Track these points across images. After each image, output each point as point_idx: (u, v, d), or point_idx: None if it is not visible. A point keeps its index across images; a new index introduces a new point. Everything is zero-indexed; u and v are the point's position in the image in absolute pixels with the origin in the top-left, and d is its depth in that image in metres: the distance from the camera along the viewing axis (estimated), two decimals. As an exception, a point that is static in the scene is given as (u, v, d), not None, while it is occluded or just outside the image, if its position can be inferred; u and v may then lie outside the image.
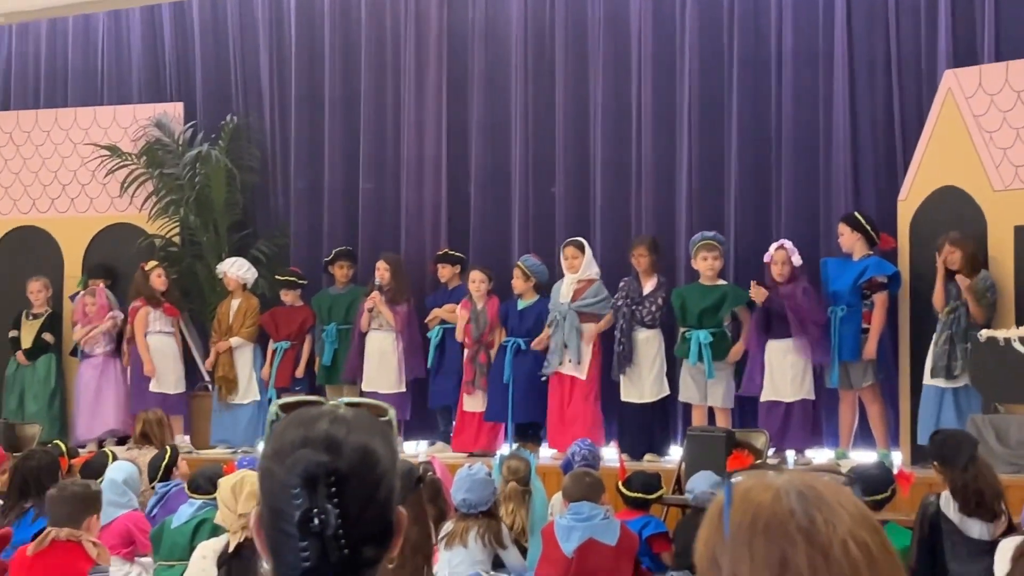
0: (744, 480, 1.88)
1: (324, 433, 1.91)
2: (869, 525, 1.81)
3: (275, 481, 1.91)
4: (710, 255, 10.61)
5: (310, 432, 1.92)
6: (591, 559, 7.66)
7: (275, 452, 1.93)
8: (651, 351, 10.85)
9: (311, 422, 1.94)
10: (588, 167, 12.08)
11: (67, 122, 13.52)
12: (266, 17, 13.44)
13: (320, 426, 1.93)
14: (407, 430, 12.30)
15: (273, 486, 1.91)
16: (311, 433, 1.92)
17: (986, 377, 9.31)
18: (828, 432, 10.59)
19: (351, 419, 1.95)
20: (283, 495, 1.89)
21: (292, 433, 1.93)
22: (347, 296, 12.18)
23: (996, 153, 9.83)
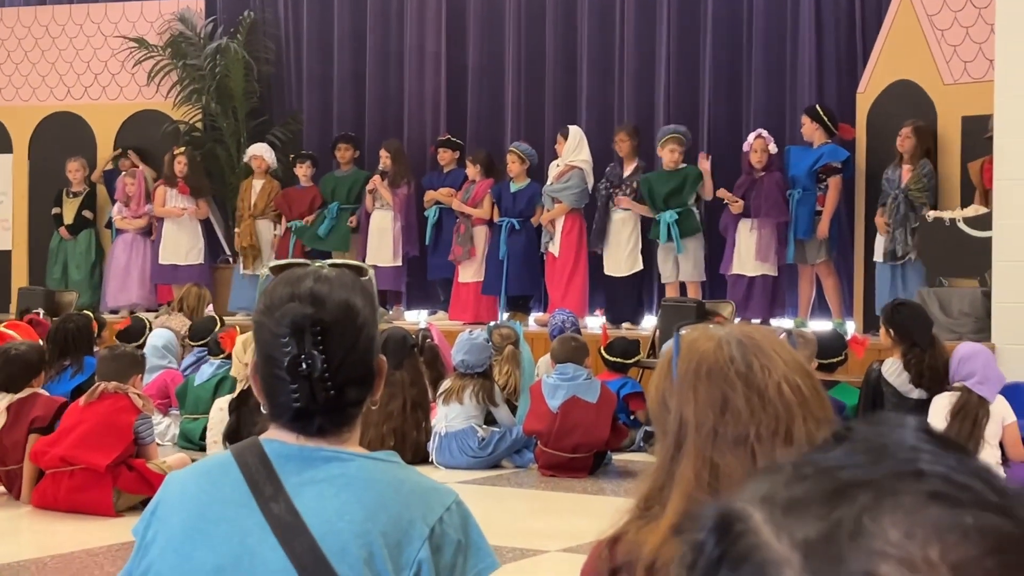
0: (690, 332, 1.93)
1: (309, 290, 1.97)
2: (801, 370, 1.86)
3: (267, 332, 1.97)
4: (678, 148, 10.59)
5: (297, 289, 1.97)
6: (574, 414, 7.77)
7: (267, 307, 1.99)
8: (627, 230, 10.88)
9: (298, 280, 1.99)
10: (575, 60, 12.04)
11: (98, 16, 13.44)
12: (280, -84, 13.26)
13: (306, 284, 1.98)
14: (409, 301, 12.40)
15: (265, 336, 1.97)
16: (298, 290, 1.97)
17: (932, 253, 9.36)
18: (789, 303, 10.66)
19: (333, 278, 2.01)
20: (274, 344, 1.95)
21: (281, 290, 1.99)
22: (350, 177, 12.24)
23: (947, 49, 9.78)
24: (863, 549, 0.63)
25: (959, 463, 0.66)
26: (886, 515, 0.64)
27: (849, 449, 0.68)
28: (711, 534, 0.67)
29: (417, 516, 1.94)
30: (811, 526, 0.64)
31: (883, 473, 0.66)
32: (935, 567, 0.62)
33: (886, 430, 0.68)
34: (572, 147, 11.11)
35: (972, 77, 9.63)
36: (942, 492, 0.64)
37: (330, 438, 1.99)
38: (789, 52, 11.12)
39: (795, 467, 0.68)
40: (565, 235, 11.06)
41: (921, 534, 0.63)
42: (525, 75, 12.27)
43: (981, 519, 0.63)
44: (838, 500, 0.65)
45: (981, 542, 0.63)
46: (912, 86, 9.95)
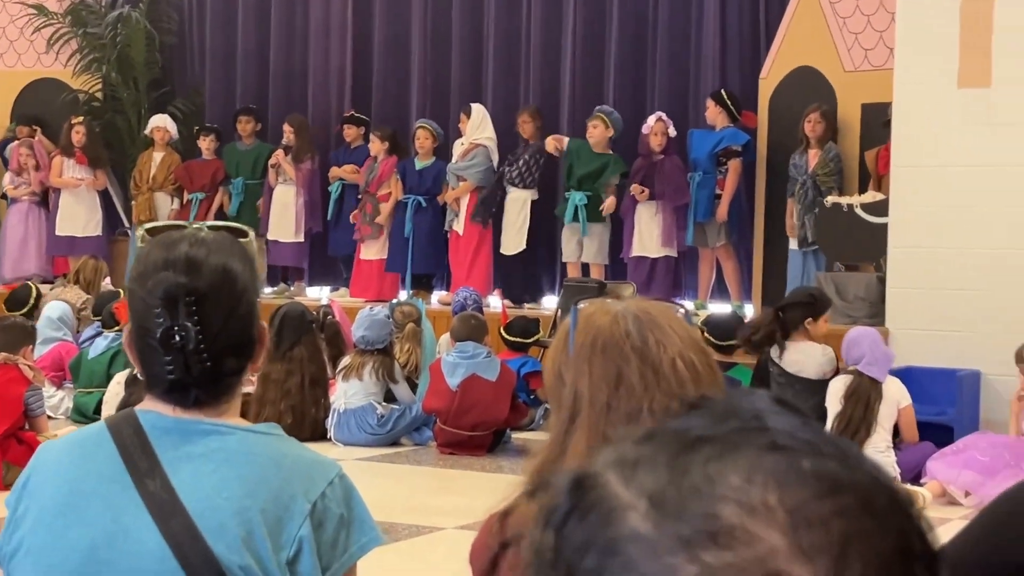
0: (588, 306, 1.89)
1: (184, 255, 1.87)
2: (696, 347, 1.83)
3: (139, 301, 1.88)
4: (591, 123, 10.57)
5: (171, 254, 1.87)
6: (473, 392, 7.74)
7: (139, 274, 1.89)
8: (516, 208, 10.83)
9: (172, 245, 1.89)
10: (482, 38, 11.95)
11: (-5, -19, 13.07)
12: None
13: (181, 248, 1.88)
14: (311, 277, 12.27)
15: (138, 305, 1.88)
16: (171, 255, 1.87)
17: (830, 239, 9.43)
18: (689, 285, 10.69)
19: (211, 241, 1.91)
20: (147, 314, 1.86)
21: (154, 255, 1.89)
22: (253, 152, 12.07)
23: (848, 37, 9.86)
24: (705, 494, 0.66)
25: (802, 423, 0.69)
26: (728, 464, 0.67)
27: (699, 414, 0.71)
28: (564, 493, 0.70)
29: (299, 491, 1.86)
30: (657, 476, 0.68)
31: (728, 430, 0.69)
32: (773, 509, 0.65)
33: (736, 398, 0.71)
34: (476, 125, 11.04)
35: (872, 65, 9.72)
36: (782, 444, 0.68)
37: (207, 410, 1.91)
38: (693, 37, 11.13)
39: (646, 431, 0.71)
40: (469, 214, 10.99)
41: (760, 480, 0.66)
42: (431, 52, 12.17)
43: (817, 465, 0.67)
44: (684, 453, 0.68)
45: (816, 485, 0.66)
46: (814, 72, 10.02)
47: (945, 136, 8.44)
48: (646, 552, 0.66)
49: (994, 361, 7.71)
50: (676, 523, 0.66)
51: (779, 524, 0.65)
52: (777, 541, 0.65)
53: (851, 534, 0.66)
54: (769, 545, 0.65)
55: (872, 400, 6.98)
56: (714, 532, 0.65)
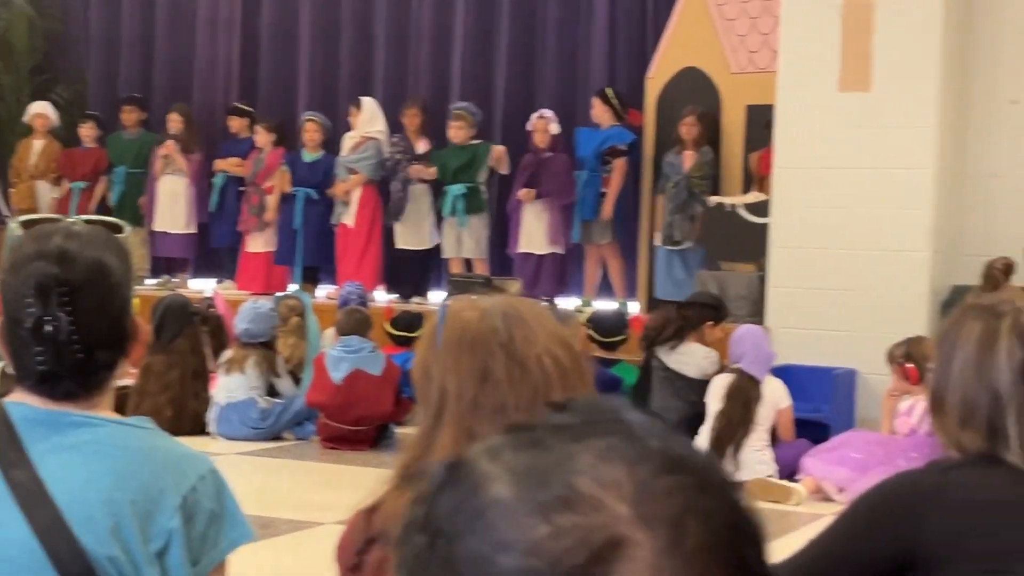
0: (456, 302, 1.91)
1: (57, 247, 1.88)
2: (563, 343, 1.87)
3: (11, 291, 1.88)
4: (455, 124, 10.63)
5: (44, 246, 1.88)
6: (357, 387, 7.73)
7: (12, 265, 1.90)
8: (425, 204, 10.86)
9: (46, 237, 1.90)
10: (371, 31, 11.92)
11: None
12: None
13: (54, 240, 1.89)
14: (196, 269, 12.15)
15: (9, 296, 1.88)
16: (45, 247, 1.88)
17: (713, 238, 9.57)
18: (575, 283, 10.78)
19: (85, 235, 1.92)
20: (18, 304, 1.86)
21: (28, 247, 1.90)
22: (137, 141, 11.90)
23: (734, 39, 10.01)
24: (564, 468, 0.75)
25: (654, 421, 0.78)
26: (586, 445, 0.76)
27: (565, 412, 0.80)
28: (439, 475, 0.78)
29: (169, 484, 1.87)
30: (520, 455, 0.76)
31: (589, 420, 0.78)
32: (621, 483, 0.74)
33: (600, 400, 0.80)
34: (367, 118, 11.01)
35: (757, 67, 9.88)
36: (636, 433, 0.77)
37: (78, 402, 1.91)
38: (582, 35, 11.23)
39: (517, 426, 0.80)
40: (361, 207, 10.96)
41: (613, 458, 0.75)
42: (320, 44, 12.12)
43: (663, 447, 0.76)
44: (547, 437, 0.77)
45: (660, 463, 0.75)
46: (699, 73, 10.15)
47: (826, 138, 8.62)
48: (506, 515, 0.74)
49: (870, 360, 7.89)
50: (535, 491, 0.74)
51: (626, 496, 0.74)
52: (623, 510, 0.73)
53: (689, 508, 0.74)
54: (615, 513, 0.73)
55: (751, 398, 7.11)
56: (568, 499, 0.73)
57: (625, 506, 0.73)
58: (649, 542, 0.72)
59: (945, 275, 8.49)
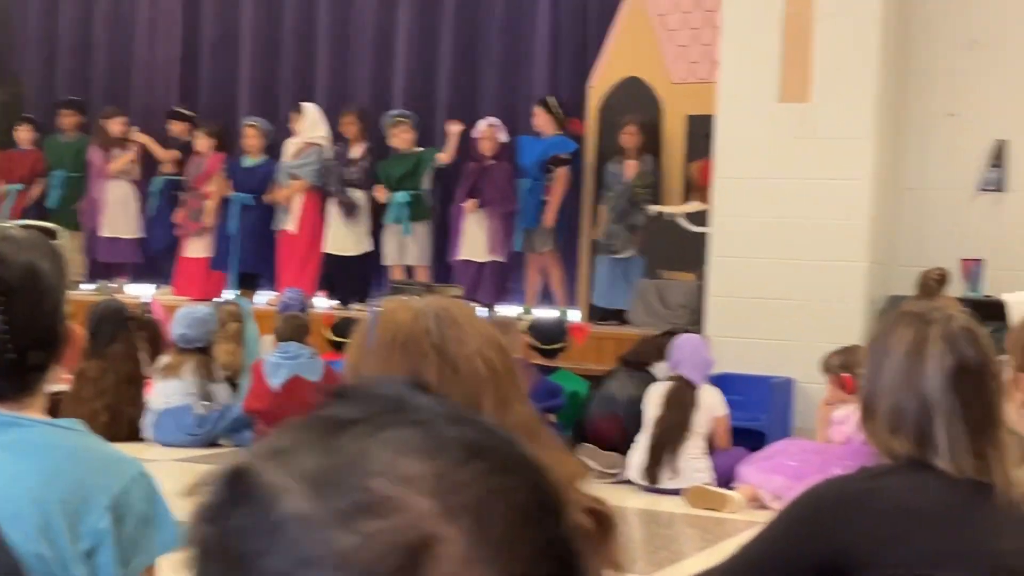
0: (389, 303, 1.91)
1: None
2: (496, 345, 1.87)
3: None
4: (397, 130, 10.64)
5: None
6: (295, 393, 7.70)
7: None
8: (361, 212, 10.86)
9: None
10: (312, 37, 11.90)
11: None
12: None
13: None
14: (135, 274, 12.08)
15: None
16: None
17: (653, 248, 9.62)
18: (516, 290, 10.79)
19: (21, 239, 1.94)
20: None
21: None
22: (75, 144, 11.81)
23: (675, 50, 10.07)
24: (358, 470, 0.71)
25: (439, 401, 0.76)
26: (377, 442, 0.73)
27: (344, 402, 0.76)
28: (220, 487, 0.73)
29: (99, 485, 1.88)
30: (310, 459, 0.72)
31: (373, 412, 0.74)
32: (421, 478, 0.71)
33: (379, 385, 0.77)
34: (309, 124, 11.00)
35: (698, 78, 9.94)
36: (424, 419, 0.74)
37: (9, 403, 1.92)
38: (524, 42, 11.26)
39: (295, 422, 0.76)
40: (303, 213, 10.93)
41: (407, 452, 0.72)
42: (261, 49, 12.07)
43: (456, 433, 0.74)
44: (334, 436, 0.73)
45: (458, 452, 0.73)
46: (640, 83, 10.21)
47: (765, 149, 8.70)
48: (307, 529, 0.70)
49: (807, 369, 7.96)
50: (332, 500, 0.70)
51: (427, 490, 0.71)
52: (426, 506, 0.71)
53: (492, 492, 0.72)
54: (419, 510, 0.70)
55: (688, 404, 7.16)
56: (368, 504, 0.70)
57: (428, 502, 0.71)
58: (457, 535, 0.70)
59: (881, 285, 8.59)
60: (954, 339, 2.21)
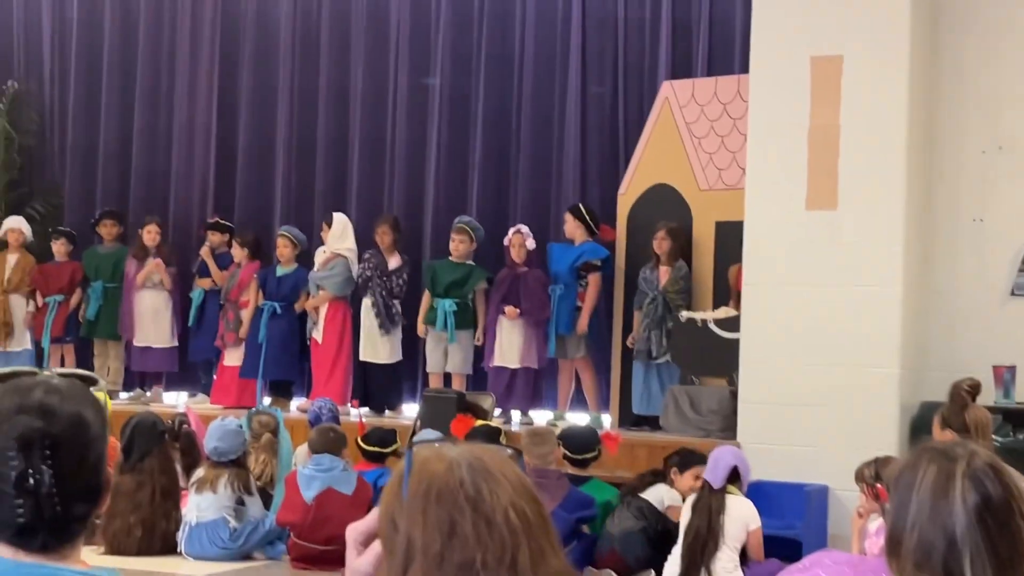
0: (422, 450, 1.93)
1: (39, 401, 1.92)
2: (528, 495, 1.88)
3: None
4: (457, 237, 10.72)
5: (25, 400, 1.92)
6: (329, 506, 7.70)
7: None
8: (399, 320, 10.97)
9: (27, 391, 1.94)
10: (346, 147, 12.08)
11: None
12: (49, -12, 13.02)
13: (35, 395, 1.93)
14: (168, 382, 12.16)
15: None
16: (26, 401, 1.92)
17: (684, 353, 9.64)
18: (549, 396, 10.80)
19: (64, 389, 1.96)
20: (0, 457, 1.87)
21: (8, 401, 1.93)
22: (113, 255, 11.97)
23: (703, 157, 10.17)
24: None
25: None
26: None
27: None
28: None
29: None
30: None
31: None
32: None
33: None
34: (337, 234, 11.12)
35: (726, 184, 10.02)
36: None
37: (52, 555, 1.94)
38: (555, 151, 11.39)
39: None
40: (328, 322, 11.03)
41: None
42: (296, 158, 12.25)
43: None
44: None
45: None
46: (670, 190, 10.29)
47: (794, 255, 8.73)
48: None
49: (841, 476, 7.91)
50: None
51: None
52: None
53: None
54: None
55: (713, 509, 7.12)
56: None
57: None
58: None
59: (913, 391, 8.56)
60: (978, 476, 2.24)
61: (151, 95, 12.69)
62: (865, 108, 8.57)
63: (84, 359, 11.95)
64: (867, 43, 8.57)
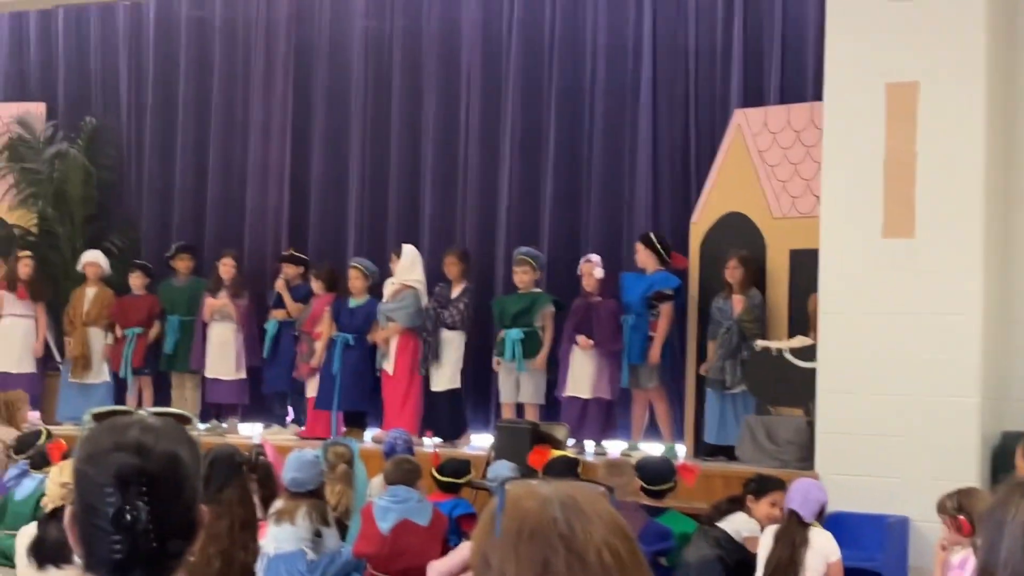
0: (515, 488, 1.93)
1: (135, 440, 1.95)
2: (621, 533, 1.88)
3: (90, 482, 1.93)
4: (520, 269, 10.73)
5: (122, 438, 1.95)
6: (405, 537, 7.70)
7: (89, 456, 1.95)
8: (451, 351, 10.92)
9: (123, 430, 1.97)
10: (418, 179, 12.14)
11: (-66, 116, 13.12)
12: (126, 26, 13.24)
13: (131, 433, 1.96)
14: (245, 413, 12.25)
15: (88, 486, 1.93)
16: (123, 439, 1.95)
17: (760, 383, 9.57)
18: (622, 426, 10.75)
19: (159, 428, 1.99)
20: (97, 494, 1.91)
21: (105, 439, 1.96)
22: (188, 288, 12.10)
23: (776, 185, 10.11)
24: None
25: None
26: None
27: None
28: None
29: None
30: None
31: None
32: None
33: None
34: (406, 266, 11.17)
35: (800, 212, 9.96)
36: None
37: (145, 592, 1.96)
38: (627, 180, 11.37)
39: None
40: (399, 354, 11.06)
41: None
42: (369, 190, 12.33)
43: None
44: None
45: None
46: (743, 218, 10.24)
47: (870, 283, 8.65)
48: None
49: (921, 507, 7.81)
50: None
51: None
52: None
53: None
54: None
55: (798, 543, 7.04)
56: None
57: None
58: None
59: (995, 421, 8.43)
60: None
61: (226, 130, 12.84)
62: (942, 134, 8.48)
63: (161, 391, 12.08)
64: (943, 68, 8.49)
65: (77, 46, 13.39)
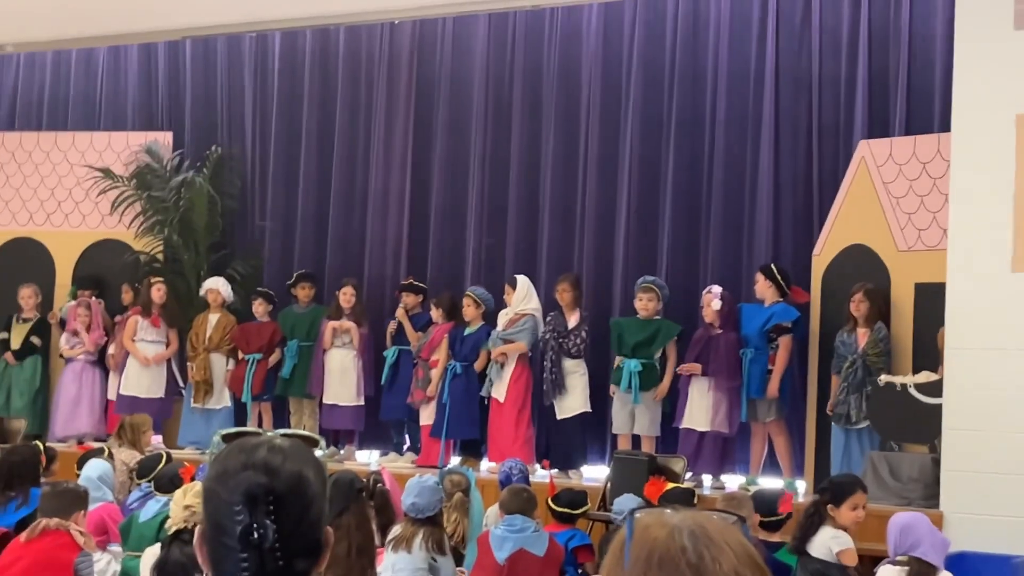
0: (644, 516, 1.91)
1: (263, 459, 1.97)
2: (752, 563, 1.84)
3: (219, 500, 1.95)
4: (645, 296, 10.66)
5: (251, 458, 1.97)
6: (520, 567, 7.67)
7: (218, 475, 1.97)
8: (576, 377, 10.89)
9: (252, 449, 1.99)
10: (537, 209, 12.16)
11: (66, 144, 13.49)
12: (252, 56, 13.47)
13: (260, 453, 1.98)
14: (361, 440, 12.34)
15: (217, 504, 1.95)
16: (252, 459, 1.97)
17: (883, 418, 9.39)
18: (740, 460, 10.63)
19: (287, 448, 2.01)
20: (226, 512, 1.93)
21: (235, 459, 1.98)
22: (309, 315, 12.23)
23: (902, 217, 9.94)
24: None
25: None
26: None
27: None
28: None
29: None
30: None
31: None
32: None
33: None
34: (521, 297, 11.18)
35: (926, 245, 9.79)
36: None
37: (273, 610, 1.97)
38: (747, 210, 11.27)
39: None
40: (513, 382, 11.04)
41: None
42: (487, 220, 12.38)
43: None
44: None
45: None
46: (867, 251, 10.09)
47: (999, 319, 8.46)
48: None
49: (1051, 549, 7.61)
50: None
51: None
52: None
53: None
54: None
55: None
56: None
57: None
58: None
59: None
60: None
61: (348, 160, 13.00)
62: (1074, 166, 8.28)
63: (280, 417, 12.23)
64: (1076, 99, 8.30)
65: (204, 76, 13.67)
